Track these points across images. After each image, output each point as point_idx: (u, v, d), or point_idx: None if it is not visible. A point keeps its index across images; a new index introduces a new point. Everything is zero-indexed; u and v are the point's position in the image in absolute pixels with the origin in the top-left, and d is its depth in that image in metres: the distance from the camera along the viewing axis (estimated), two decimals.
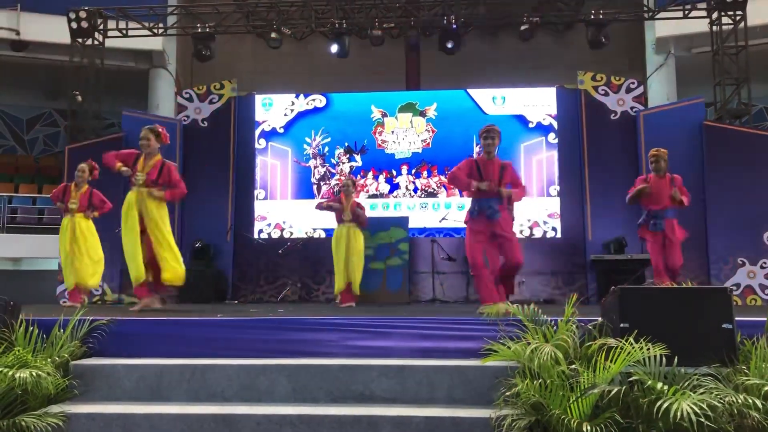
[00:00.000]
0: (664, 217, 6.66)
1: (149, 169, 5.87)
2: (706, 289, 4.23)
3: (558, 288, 10.12)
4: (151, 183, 5.85)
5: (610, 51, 11.44)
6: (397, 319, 4.29)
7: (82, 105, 10.91)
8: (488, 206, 5.56)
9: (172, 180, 5.95)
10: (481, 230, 5.61)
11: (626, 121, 10.30)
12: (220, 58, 11.82)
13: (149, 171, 5.87)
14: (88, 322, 4.13)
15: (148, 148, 5.92)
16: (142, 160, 5.93)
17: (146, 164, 5.90)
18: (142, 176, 5.85)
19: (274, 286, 10.57)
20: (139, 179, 5.86)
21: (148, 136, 5.93)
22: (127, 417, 3.49)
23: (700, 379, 3.18)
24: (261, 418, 3.45)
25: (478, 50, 13.34)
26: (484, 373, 3.66)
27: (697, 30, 11.19)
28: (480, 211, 5.61)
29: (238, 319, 4.43)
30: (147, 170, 5.87)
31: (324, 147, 11.11)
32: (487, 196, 5.59)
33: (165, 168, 5.93)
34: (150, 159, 5.94)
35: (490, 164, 5.71)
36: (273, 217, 10.97)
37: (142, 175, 5.85)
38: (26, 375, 3.42)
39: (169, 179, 5.93)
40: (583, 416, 3.07)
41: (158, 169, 5.89)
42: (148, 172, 5.86)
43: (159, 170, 5.89)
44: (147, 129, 6.01)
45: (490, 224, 5.57)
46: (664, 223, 6.64)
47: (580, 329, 3.75)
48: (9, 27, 12.57)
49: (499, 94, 10.97)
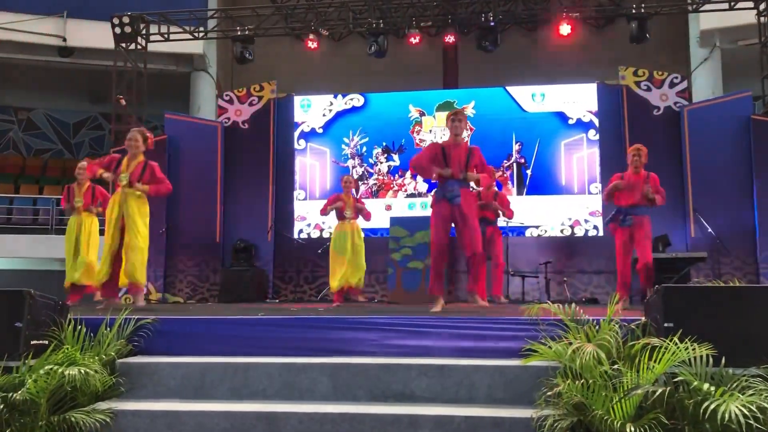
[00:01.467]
0: (633, 213, 6.57)
1: (132, 169, 6.03)
2: (756, 288, 4.12)
3: (600, 287, 9.97)
4: (135, 182, 6.01)
5: (652, 45, 11.20)
6: (437, 319, 4.28)
7: (125, 108, 11.17)
8: (449, 190, 5.52)
9: (155, 178, 6.10)
10: (444, 214, 5.57)
11: (670, 116, 10.08)
12: (260, 61, 11.95)
13: (132, 171, 6.01)
14: (133, 321, 4.23)
15: (135, 149, 6.06)
16: (126, 161, 6.09)
17: (130, 165, 6.06)
18: (126, 176, 6.00)
19: (314, 286, 10.65)
20: (123, 180, 6.01)
21: (136, 137, 6.09)
22: (172, 414, 3.56)
23: (749, 380, 3.10)
24: (303, 416, 3.47)
25: (516, 47, 13.21)
26: (524, 372, 3.63)
27: (744, 22, 10.88)
28: (442, 196, 5.57)
29: (279, 318, 4.47)
30: (131, 170, 6.02)
31: (362, 147, 11.15)
32: (450, 181, 5.54)
33: (148, 167, 6.09)
34: (134, 159, 6.09)
35: (456, 148, 5.64)
36: (312, 217, 11.04)
37: (126, 175, 6.01)
38: (75, 372, 3.51)
39: (152, 177, 6.08)
40: (626, 417, 3.03)
41: (141, 168, 6.05)
42: (132, 172, 6.01)
43: (142, 169, 6.05)
44: (136, 130, 6.20)
45: (452, 209, 5.53)
46: (633, 220, 6.55)
47: (623, 329, 3.69)
48: (56, 34, 12.93)
49: (539, 91, 10.84)
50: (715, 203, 9.07)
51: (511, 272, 9.96)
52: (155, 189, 6.11)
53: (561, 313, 3.89)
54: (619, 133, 10.21)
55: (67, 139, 16.22)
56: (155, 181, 6.10)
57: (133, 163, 6.06)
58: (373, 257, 10.54)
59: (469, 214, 5.54)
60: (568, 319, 3.81)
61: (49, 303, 4.10)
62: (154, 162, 6.23)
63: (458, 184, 5.54)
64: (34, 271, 13.21)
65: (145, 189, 6.02)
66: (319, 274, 10.66)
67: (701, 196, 9.34)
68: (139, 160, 6.08)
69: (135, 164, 6.05)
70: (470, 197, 5.66)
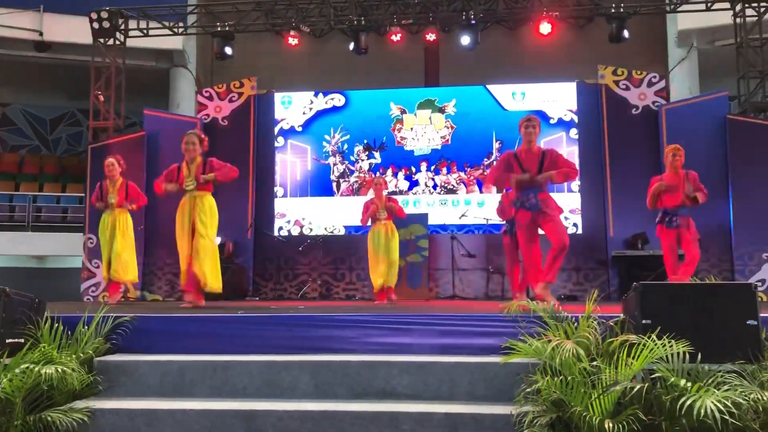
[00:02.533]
0: (679, 214, 6.58)
1: (194, 172, 6.00)
2: (731, 284, 4.18)
3: (579, 284, 10.07)
4: (200, 185, 5.97)
5: (631, 45, 11.31)
6: (418, 316, 4.29)
7: (104, 104, 11.04)
8: (527, 199, 5.47)
9: (218, 166, 6.08)
10: (527, 223, 5.52)
11: (648, 115, 10.20)
12: (240, 57, 11.88)
13: (195, 174, 5.99)
14: (111, 318, 4.18)
15: (193, 152, 6.03)
16: (185, 166, 6.05)
17: (190, 169, 6.03)
18: (192, 181, 5.96)
19: (294, 283, 10.63)
20: (189, 185, 5.98)
21: (193, 140, 6.06)
22: (151, 412, 3.53)
23: (724, 376, 3.14)
24: (283, 414, 3.46)
25: (497, 46, 13.26)
26: (504, 369, 3.65)
27: (721, 22, 11.02)
28: (521, 205, 5.53)
29: (259, 315, 4.46)
30: (193, 174, 5.99)
31: (343, 144, 11.14)
32: (527, 187, 5.48)
33: (207, 164, 6.06)
34: (192, 163, 6.06)
35: (530, 153, 5.59)
36: (292, 214, 11.02)
37: (191, 180, 5.96)
38: (52, 371, 3.46)
39: (213, 167, 6.05)
40: (605, 413, 3.05)
41: (201, 169, 6.02)
42: (195, 176, 5.98)
43: (203, 169, 6.02)
44: (192, 133, 6.17)
45: (533, 215, 5.48)
46: (680, 221, 6.56)
47: (602, 326, 3.72)
48: (32, 28, 12.74)
49: (519, 90, 10.91)
50: None
51: (490, 270, 10.02)
52: (222, 174, 6.06)
53: (540, 310, 3.91)
54: (599, 132, 10.32)
55: (44, 135, 16.01)
56: (218, 167, 6.07)
57: (193, 167, 6.03)
58: (353, 255, 10.58)
59: (552, 212, 5.48)
60: (547, 317, 3.84)
61: (25, 301, 4.04)
62: (213, 158, 6.20)
63: (534, 191, 5.48)
64: (11, 269, 13.03)
65: (210, 177, 5.99)
66: (299, 272, 10.64)
67: None
68: (198, 161, 6.05)
69: (195, 167, 6.02)
70: (548, 199, 5.55)
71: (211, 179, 6.00)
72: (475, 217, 10.46)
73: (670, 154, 6.70)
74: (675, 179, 6.62)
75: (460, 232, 10.48)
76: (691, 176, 6.64)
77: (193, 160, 6.05)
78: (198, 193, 5.97)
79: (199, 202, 5.96)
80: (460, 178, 10.86)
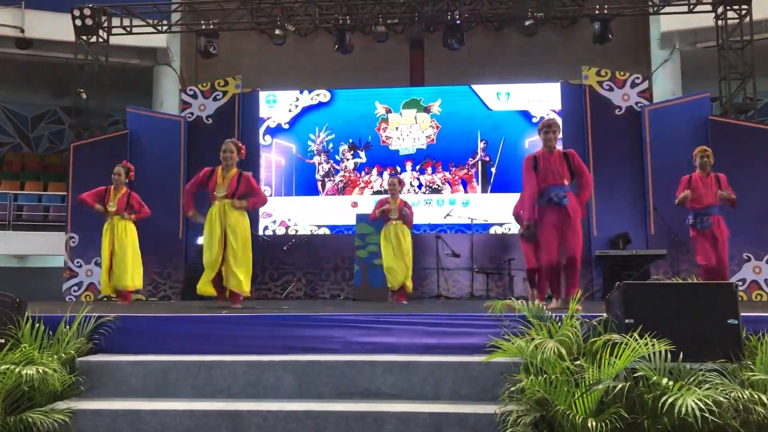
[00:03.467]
0: (710, 214, 6.59)
1: (228, 182, 5.91)
2: (712, 284, 4.22)
3: None
4: (231, 195, 5.89)
5: (614, 46, 11.40)
6: (402, 315, 4.29)
7: (86, 102, 10.95)
8: (555, 194, 5.45)
9: (252, 188, 6.00)
10: (552, 221, 5.49)
11: (631, 116, 10.28)
12: (224, 55, 11.82)
13: (229, 183, 5.90)
14: (94, 318, 4.15)
15: (230, 160, 5.96)
16: (220, 173, 5.97)
17: (225, 177, 5.95)
18: (224, 189, 5.89)
19: (278, 283, 10.60)
20: (220, 192, 5.90)
21: (231, 148, 5.98)
22: (134, 413, 3.51)
23: (705, 374, 3.18)
24: (267, 414, 3.45)
25: (482, 46, 13.30)
26: (488, 369, 3.66)
27: (703, 24, 11.14)
28: (548, 201, 5.49)
29: (244, 315, 4.44)
30: (227, 183, 5.91)
31: (328, 143, 11.12)
32: (554, 185, 5.48)
33: (243, 178, 5.97)
34: (228, 171, 5.97)
35: (550, 155, 5.59)
36: (278, 214, 10.99)
37: (223, 188, 5.89)
38: (32, 372, 3.43)
39: (248, 188, 5.97)
40: (588, 412, 3.07)
41: (236, 180, 5.93)
42: (228, 185, 5.90)
43: (237, 181, 5.92)
44: (230, 142, 6.07)
45: (559, 211, 5.45)
46: (711, 220, 6.58)
47: (585, 325, 3.74)
48: (14, 24, 12.60)
49: (504, 90, 10.95)
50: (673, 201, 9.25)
51: (475, 269, 10.05)
52: (253, 203, 6.01)
53: (524, 309, 3.93)
54: (582, 132, 10.38)
55: (26, 132, 15.84)
56: (251, 191, 5.98)
57: (228, 175, 5.93)
58: (338, 254, 10.56)
59: (575, 218, 5.47)
60: (531, 316, 3.85)
61: (6, 300, 4.00)
62: (248, 172, 6.12)
63: (563, 189, 5.48)
64: None
65: (244, 205, 5.92)
66: (284, 272, 10.61)
67: (661, 194, 9.53)
68: (234, 171, 5.96)
69: (230, 176, 5.93)
70: (575, 201, 5.52)
71: (243, 207, 5.93)
72: (460, 216, 10.49)
73: (699, 155, 6.73)
74: (704, 180, 6.65)
75: (445, 231, 10.50)
76: (722, 179, 6.68)
77: (229, 168, 5.97)
78: (228, 202, 5.89)
79: (229, 210, 5.88)
80: (445, 177, 10.89)
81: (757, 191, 8.86)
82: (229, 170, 5.97)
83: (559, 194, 5.46)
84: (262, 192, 6.17)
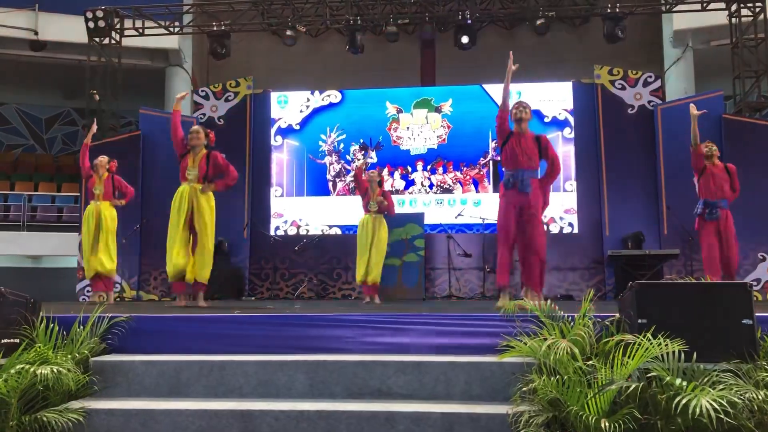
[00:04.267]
0: (720, 206, 6.57)
1: (198, 163, 5.99)
2: (726, 284, 4.18)
3: (575, 284, 10.08)
4: (202, 177, 5.97)
5: (626, 45, 11.34)
6: (414, 316, 4.29)
7: (99, 104, 11.02)
8: (521, 179, 5.32)
9: (219, 167, 6.06)
10: (513, 202, 5.34)
11: (644, 115, 10.22)
12: (236, 56, 11.86)
13: (198, 165, 5.98)
14: (107, 319, 4.17)
15: (197, 141, 6.02)
16: (191, 157, 6.04)
17: (195, 159, 6.02)
18: (194, 172, 5.96)
19: (290, 283, 10.62)
20: (191, 174, 5.97)
21: (198, 130, 6.08)
22: (147, 412, 3.52)
23: (719, 375, 3.15)
24: (279, 414, 3.46)
25: (493, 45, 13.26)
26: (500, 369, 3.65)
27: (716, 22, 11.06)
28: (512, 184, 5.36)
29: (256, 315, 4.45)
30: (197, 165, 5.98)
31: (339, 144, 11.13)
32: (521, 168, 5.35)
33: (211, 158, 6.03)
34: (197, 154, 6.04)
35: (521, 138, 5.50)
36: (289, 214, 11.01)
37: (194, 170, 5.96)
38: (47, 371, 3.45)
39: (216, 168, 6.04)
40: (600, 412, 3.06)
41: (205, 161, 6.00)
42: (198, 167, 5.97)
43: (207, 162, 6.00)
44: (197, 126, 6.24)
45: (521, 197, 5.30)
46: (719, 212, 6.55)
47: (598, 325, 3.73)
48: (27, 27, 12.71)
49: (515, 89, 10.90)
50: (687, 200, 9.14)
51: (486, 269, 10.03)
52: (222, 184, 6.10)
53: (536, 309, 3.91)
54: (594, 132, 10.34)
55: (39, 134, 15.96)
56: (219, 171, 6.06)
57: (197, 158, 6.02)
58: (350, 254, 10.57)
59: (537, 209, 5.34)
60: (543, 316, 3.84)
61: (21, 301, 4.03)
62: (216, 151, 6.17)
63: (529, 173, 5.35)
64: (6, 269, 12.99)
65: (211, 187, 6.01)
66: (295, 272, 10.64)
67: (674, 193, 9.48)
68: (203, 153, 6.04)
69: (199, 158, 6.01)
70: (538, 191, 5.40)
71: (211, 189, 6.00)
72: (471, 216, 10.47)
73: (705, 149, 6.76)
74: (716, 170, 6.67)
75: (456, 231, 10.48)
76: (732, 169, 6.70)
77: (198, 151, 6.04)
78: (197, 185, 5.95)
79: (199, 195, 5.94)
80: (456, 177, 10.87)
81: None
82: (198, 152, 6.03)
83: (525, 180, 5.31)
84: (233, 170, 6.16)
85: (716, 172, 6.66)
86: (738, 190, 6.70)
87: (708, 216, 6.59)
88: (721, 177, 6.64)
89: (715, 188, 6.60)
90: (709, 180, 6.63)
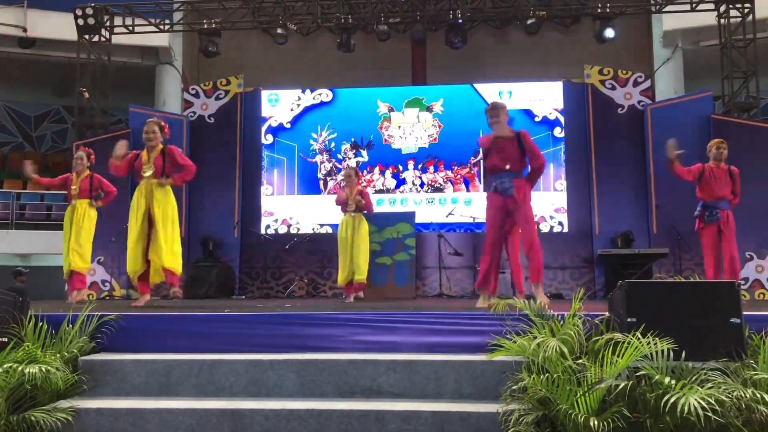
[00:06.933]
0: (720, 207, 6.47)
1: (153, 160, 5.94)
2: (714, 283, 4.21)
3: (565, 283, 10.12)
4: (159, 173, 5.91)
5: (616, 45, 11.40)
6: (405, 314, 4.29)
7: (89, 101, 10.95)
8: (501, 182, 5.32)
9: (176, 163, 5.99)
10: (497, 205, 5.37)
11: (633, 115, 10.28)
12: (227, 54, 11.82)
13: (154, 161, 5.93)
14: (96, 317, 4.15)
15: (153, 140, 5.97)
16: (146, 153, 6.00)
17: (150, 156, 5.97)
18: (150, 168, 5.91)
19: (281, 282, 10.60)
20: (147, 171, 5.92)
21: (153, 128, 6.00)
22: (136, 412, 3.51)
23: (707, 373, 3.17)
24: (269, 413, 3.46)
25: (484, 45, 13.29)
26: (491, 367, 3.66)
27: (705, 23, 11.13)
28: (495, 189, 5.37)
29: (246, 314, 4.44)
30: (152, 161, 5.94)
31: (330, 142, 11.12)
32: (502, 172, 5.34)
33: (167, 154, 5.97)
34: (153, 150, 6.00)
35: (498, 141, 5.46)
36: (280, 212, 10.99)
37: (149, 167, 5.92)
38: (35, 370, 3.44)
39: (173, 163, 5.98)
40: (590, 411, 3.07)
41: (161, 157, 5.95)
42: (154, 163, 5.92)
43: (163, 158, 5.94)
44: (151, 121, 6.09)
45: (505, 200, 5.31)
46: (719, 214, 6.45)
47: (587, 324, 3.74)
48: (16, 24, 12.62)
49: (506, 89, 10.94)
50: (676, 200, 9.21)
51: (477, 268, 10.03)
52: (180, 178, 6.05)
53: (526, 308, 3.93)
54: (584, 131, 10.38)
55: (28, 132, 15.86)
56: (176, 166, 6.00)
57: (152, 154, 5.97)
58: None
59: (524, 205, 5.31)
60: (533, 314, 3.85)
61: (9, 299, 4.01)
62: (172, 146, 6.12)
63: (510, 176, 5.31)
64: None
65: (169, 182, 5.95)
66: (286, 270, 10.62)
67: (663, 192, 9.53)
68: (158, 149, 5.99)
69: (155, 155, 5.96)
70: (524, 187, 5.35)
71: (168, 183, 5.95)
72: (462, 215, 10.49)
73: (714, 147, 6.64)
74: (718, 172, 6.55)
75: (447, 230, 10.49)
76: (735, 172, 6.59)
77: (153, 147, 6.00)
78: (154, 181, 5.90)
79: (155, 189, 5.89)
80: (447, 176, 10.88)
81: (759, 190, 8.82)
82: (154, 149, 6.00)
83: (504, 183, 5.30)
84: (190, 163, 6.10)
85: (718, 174, 6.54)
86: (738, 194, 6.57)
87: (708, 218, 6.50)
88: (722, 179, 6.51)
89: (715, 189, 6.50)
90: (710, 181, 6.52)
